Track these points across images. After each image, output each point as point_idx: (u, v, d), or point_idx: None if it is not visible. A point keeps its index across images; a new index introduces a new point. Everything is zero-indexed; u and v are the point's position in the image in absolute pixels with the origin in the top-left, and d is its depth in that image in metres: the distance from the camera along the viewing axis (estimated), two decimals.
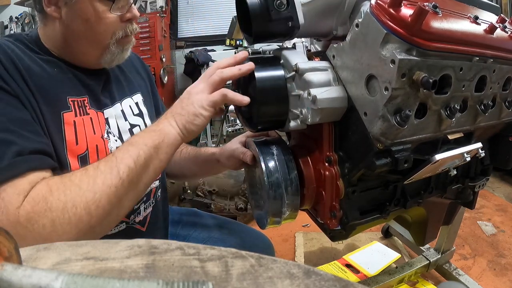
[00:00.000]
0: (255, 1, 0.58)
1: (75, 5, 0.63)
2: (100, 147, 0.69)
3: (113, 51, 0.70)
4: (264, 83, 0.61)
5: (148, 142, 0.57)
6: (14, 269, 0.24)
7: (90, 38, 0.67)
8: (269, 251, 0.99)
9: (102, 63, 0.72)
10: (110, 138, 0.73)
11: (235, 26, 3.01)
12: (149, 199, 0.82)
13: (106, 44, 0.68)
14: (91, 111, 0.70)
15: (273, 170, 0.64)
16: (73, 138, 0.65)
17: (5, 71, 0.58)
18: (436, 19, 0.51)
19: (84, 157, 0.66)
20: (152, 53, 2.88)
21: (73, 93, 0.67)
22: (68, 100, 0.66)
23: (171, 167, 0.97)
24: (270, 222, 0.67)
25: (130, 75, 0.86)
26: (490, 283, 1.36)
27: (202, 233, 0.97)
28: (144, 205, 0.80)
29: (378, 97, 0.51)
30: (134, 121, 0.80)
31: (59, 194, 0.51)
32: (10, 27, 3.33)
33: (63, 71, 0.68)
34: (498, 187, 2.22)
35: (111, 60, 0.72)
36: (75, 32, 0.66)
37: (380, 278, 1.24)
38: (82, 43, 0.68)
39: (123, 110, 0.78)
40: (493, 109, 0.67)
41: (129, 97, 0.81)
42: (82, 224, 0.51)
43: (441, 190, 0.77)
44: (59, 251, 0.33)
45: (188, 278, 0.30)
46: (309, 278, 0.30)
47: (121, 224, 0.75)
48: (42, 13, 0.67)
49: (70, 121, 0.65)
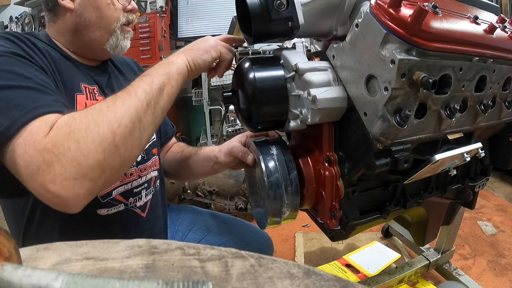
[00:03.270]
0: (255, 1, 0.58)
1: None
2: None
3: (117, 34, 0.79)
4: (264, 83, 0.61)
5: (159, 71, 0.62)
6: (14, 269, 0.24)
7: (100, 24, 0.76)
8: (269, 247, 1.00)
9: (108, 47, 0.79)
10: None
11: (235, 26, 3.01)
12: (150, 186, 0.87)
13: (113, 29, 0.78)
14: (100, 98, 0.77)
15: (273, 170, 0.64)
16: None
17: (31, 50, 0.64)
18: (436, 19, 0.51)
19: None
20: (152, 53, 2.88)
21: (85, 81, 0.75)
22: (81, 85, 0.74)
23: (172, 167, 1.01)
24: (270, 222, 0.67)
25: (128, 75, 0.91)
26: (490, 283, 1.36)
27: (201, 229, 0.98)
28: (145, 191, 0.85)
29: (378, 97, 0.51)
30: None
31: (81, 118, 0.54)
32: (10, 27, 3.33)
33: (74, 64, 0.76)
34: (498, 187, 2.22)
35: (115, 45, 0.79)
36: (87, 19, 0.75)
37: (380, 278, 1.24)
38: (92, 29, 0.76)
39: None
40: (493, 109, 0.67)
41: None
42: (107, 143, 0.52)
43: (441, 190, 0.77)
44: (59, 251, 0.33)
45: (188, 278, 0.30)
46: (309, 278, 0.30)
47: (119, 205, 0.78)
48: (53, 11, 0.76)
49: (82, 103, 0.72)
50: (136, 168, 0.85)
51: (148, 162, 0.87)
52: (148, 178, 0.86)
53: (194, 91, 3.07)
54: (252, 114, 0.65)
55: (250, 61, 0.64)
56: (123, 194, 0.80)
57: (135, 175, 0.86)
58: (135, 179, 0.85)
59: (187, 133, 3.57)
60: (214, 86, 2.93)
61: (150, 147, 0.89)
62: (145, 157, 0.87)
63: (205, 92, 2.93)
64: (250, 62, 0.64)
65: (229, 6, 3.43)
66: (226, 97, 0.70)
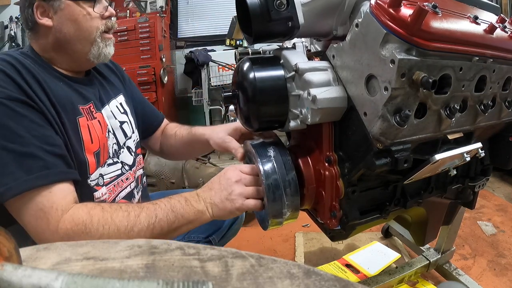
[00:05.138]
0: (255, 1, 0.58)
1: (64, 10, 0.75)
2: (105, 145, 0.81)
3: (98, 43, 0.80)
4: (264, 83, 0.61)
5: (185, 215, 0.67)
6: (14, 269, 0.24)
7: (80, 36, 0.77)
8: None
9: (91, 57, 0.80)
10: (109, 136, 0.84)
11: (235, 26, 3.01)
12: (138, 184, 0.93)
13: (93, 38, 0.79)
14: (97, 115, 0.81)
15: (270, 172, 0.64)
16: (89, 138, 0.76)
17: (27, 85, 0.66)
18: (436, 19, 0.51)
19: (98, 153, 0.78)
20: (152, 53, 2.88)
21: (81, 102, 0.78)
22: (79, 108, 0.77)
23: (168, 150, 1.09)
24: (272, 223, 0.67)
25: (111, 78, 0.95)
26: (490, 283, 1.36)
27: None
28: (136, 190, 0.92)
29: (378, 97, 0.51)
30: (122, 118, 0.91)
31: (98, 226, 0.61)
32: (10, 27, 3.33)
33: (66, 84, 0.78)
34: (498, 187, 2.22)
35: (98, 54, 0.80)
36: (67, 34, 0.76)
37: (380, 278, 1.24)
38: (73, 43, 0.77)
39: (112, 110, 0.88)
40: (493, 109, 0.67)
41: (114, 99, 0.92)
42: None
43: (441, 190, 0.77)
44: (59, 251, 0.33)
45: (188, 278, 0.30)
46: (309, 278, 0.30)
47: None
48: (33, 29, 0.77)
49: (85, 125, 0.76)
50: (130, 171, 0.88)
51: (136, 163, 0.92)
52: (136, 178, 0.93)
53: (194, 91, 3.07)
54: (252, 114, 0.65)
55: (250, 61, 0.64)
56: (125, 198, 0.85)
57: (131, 177, 0.89)
58: (132, 181, 0.88)
59: None
60: (214, 86, 2.93)
61: (135, 148, 0.94)
62: (135, 159, 0.92)
63: (205, 92, 2.93)
64: (250, 62, 0.64)
65: (229, 6, 3.43)
66: (226, 97, 0.70)
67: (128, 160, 0.89)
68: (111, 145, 0.84)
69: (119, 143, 0.87)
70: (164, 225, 0.65)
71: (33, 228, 0.62)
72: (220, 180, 0.70)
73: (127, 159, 0.89)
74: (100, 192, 0.78)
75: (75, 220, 0.61)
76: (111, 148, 0.84)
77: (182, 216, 0.66)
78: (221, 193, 0.68)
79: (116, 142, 0.86)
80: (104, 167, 0.80)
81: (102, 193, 0.79)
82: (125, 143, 0.90)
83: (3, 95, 0.62)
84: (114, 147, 0.85)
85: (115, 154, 0.85)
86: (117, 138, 0.87)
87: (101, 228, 0.61)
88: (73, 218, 0.61)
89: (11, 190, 0.60)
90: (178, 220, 0.66)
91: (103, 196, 0.79)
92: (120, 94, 0.95)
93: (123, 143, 0.89)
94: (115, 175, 0.84)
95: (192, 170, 1.97)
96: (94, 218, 0.62)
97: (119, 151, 0.87)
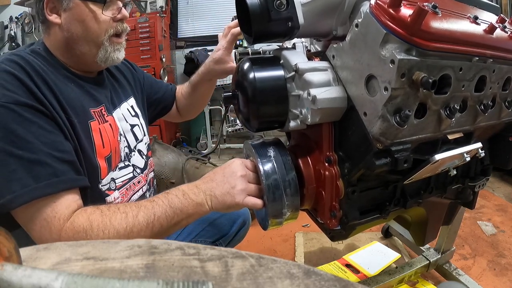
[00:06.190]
0: (255, 1, 0.58)
1: (72, 9, 0.73)
2: (117, 149, 0.80)
3: (106, 47, 0.77)
4: (264, 83, 0.61)
5: (184, 209, 0.66)
6: (14, 269, 0.24)
7: (87, 38, 0.75)
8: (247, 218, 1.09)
9: (98, 61, 0.78)
10: (121, 139, 0.83)
11: None
12: (150, 188, 0.93)
13: (100, 41, 0.76)
14: (108, 118, 0.80)
15: (270, 172, 0.64)
16: (100, 142, 0.76)
17: (37, 89, 0.65)
18: (436, 19, 0.51)
19: (109, 158, 0.77)
20: (152, 53, 2.88)
21: (92, 105, 0.77)
22: (91, 111, 0.76)
23: (184, 110, 1.15)
24: (272, 223, 0.67)
25: (122, 81, 0.94)
26: (490, 283, 1.36)
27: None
28: (148, 193, 0.92)
29: (378, 97, 0.51)
30: (133, 121, 0.90)
31: (98, 231, 0.61)
32: (10, 27, 3.33)
33: (78, 85, 0.77)
34: (498, 187, 2.22)
35: (105, 58, 0.78)
36: (74, 34, 0.74)
37: (380, 278, 1.24)
38: (81, 43, 0.75)
39: (123, 113, 0.88)
40: (493, 109, 0.67)
41: (125, 101, 0.91)
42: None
43: (441, 190, 0.77)
44: (59, 251, 0.33)
45: (188, 278, 0.30)
46: (309, 278, 0.30)
47: None
48: (45, 23, 0.75)
49: (96, 129, 0.75)
50: (142, 175, 0.88)
51: (147, 166, 0.92)
52: (148, 181, 0.92)
53: None
54: (252, 114, 0.65)
55: (250, 61, 0.64)
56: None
57: (143, 180, 0.88)
58: (144, 185, 0.88)
59: (187, 133, 3.57)
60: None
61: (146, 150, 0.94)
62: (146, 162, 0.92)
63: None
64: (250, 62, 0.64)
65: (229, 6, 3.42)
66: (226, 98, 0.70)
67: (139, 163, 0.88)
68: (122, 148, 0.83)
69: (130, 146, 0.87)
70: (163, 222, 0.65)
71: (37, 235, 0.62)
72: (224, 172, 0.69)
73: (138, 162, 0.88)
74: (113, 196, 0.78)
75: (75, 228, 0.61)
76: (123, 151, 0.83)
77: (180, 210, 0.66)
78: (223, 185, 0.67)
79: (127, 145, 0.85)
80: (116, 171, 0.80)
81: (115, 197, 0.78)
82: (136, 146, 0.89)
83: (12, 100, 0.61)
84: (125, 150, 0.84)
85: (126, 158, 0.84)
86: (128, 141, 0.86)
87: (101, 234, 0.61)
88: (73, 226, 0.61)
89: (20, 198, 0.60)
90: (177, 215, 0.65)
91: (115, 200, 0.78)
92: (131, 96, 0.94)
93: (134, 146, 0.88)
94: (127, 179, 0.83)
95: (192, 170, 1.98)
96: (93, 224, 0.62)
97: (130, 154, 0.86)
